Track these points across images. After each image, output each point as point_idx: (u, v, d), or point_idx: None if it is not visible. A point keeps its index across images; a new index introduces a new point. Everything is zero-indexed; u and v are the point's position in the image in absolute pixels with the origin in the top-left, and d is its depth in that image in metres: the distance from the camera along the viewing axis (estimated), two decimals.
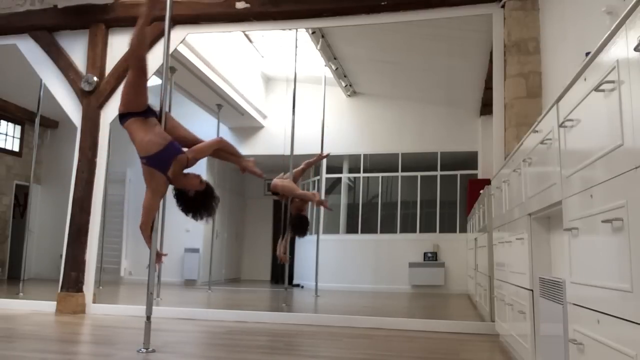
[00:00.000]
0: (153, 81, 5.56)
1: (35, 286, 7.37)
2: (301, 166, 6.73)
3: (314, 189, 9.79)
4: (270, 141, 9.36)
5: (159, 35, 5.06)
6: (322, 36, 6.97)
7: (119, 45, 5.25)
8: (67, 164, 5.47)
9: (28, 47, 5.42)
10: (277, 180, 6.39)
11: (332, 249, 8.94)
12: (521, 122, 4.14)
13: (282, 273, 7.86)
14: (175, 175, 3.28)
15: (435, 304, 6.81)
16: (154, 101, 3.42)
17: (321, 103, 8.07)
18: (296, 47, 6.70)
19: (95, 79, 5.17)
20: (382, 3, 4.70)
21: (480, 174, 8.46)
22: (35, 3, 5.36)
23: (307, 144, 7.91)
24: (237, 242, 11.02)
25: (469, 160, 8.88)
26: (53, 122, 10.08)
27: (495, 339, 3.70)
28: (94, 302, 4.98)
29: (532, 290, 2.27)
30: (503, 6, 4.50)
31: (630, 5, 1.14)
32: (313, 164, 7.35)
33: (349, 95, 9.47)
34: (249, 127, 9.71)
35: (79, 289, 4.90)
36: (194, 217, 3.44)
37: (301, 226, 6.51)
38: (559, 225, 1.94)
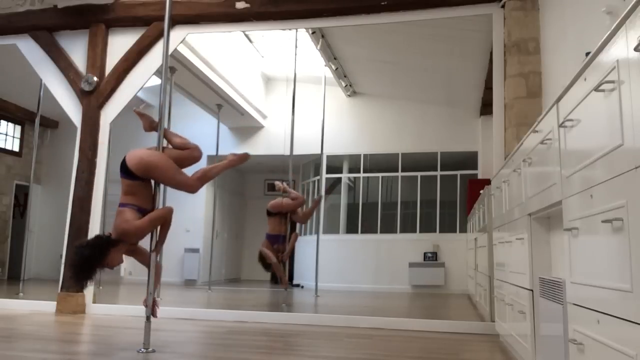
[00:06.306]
0: (153, 81, 5.58)
1: (35, 286, 7.37)
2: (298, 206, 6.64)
3: (314, 189, 9.81)
4: (270, 141, 9.38)
5: (159, 35, 5.07)
6: (322, 36, 6.97)
7: (119, 45, 5.25)
8: (67, 164, 5.47)
9: (28, 47, 5.41)
10: (276, 201, 6.43)
11: (332, 249, 8.94)
12: (521, 122, 4.14)
13: None
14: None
15: (435, 304, 6.80)
16: (154, 101, 3.42)
17: (321, 103, 8.07)
18: (296, 47, 6.70)
19: (95, 79, 5.16)
20: (382, 3, 4.70)
21: (480, 174, 8.47)
22: (35, 3, 5.36)
23: (307, 144, 7.93)
24: (237, 242, 11.02)
25: (469, 160, 8.88)
26: (53, 122, 10.08)
27: (495, 339, 3.70)
28: (94, 302, 4.98)
29: (532, 290, 2.27)
30: (503, 6, 4.50)
31: (630, 5, 1.14)
32: (311, 211, 7.46)
33: (349, 95, 9.47)
34: (249, 127, 9.72)
35: (79, 289, 4.90)
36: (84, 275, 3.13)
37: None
38: (559, 225, 1.94)
